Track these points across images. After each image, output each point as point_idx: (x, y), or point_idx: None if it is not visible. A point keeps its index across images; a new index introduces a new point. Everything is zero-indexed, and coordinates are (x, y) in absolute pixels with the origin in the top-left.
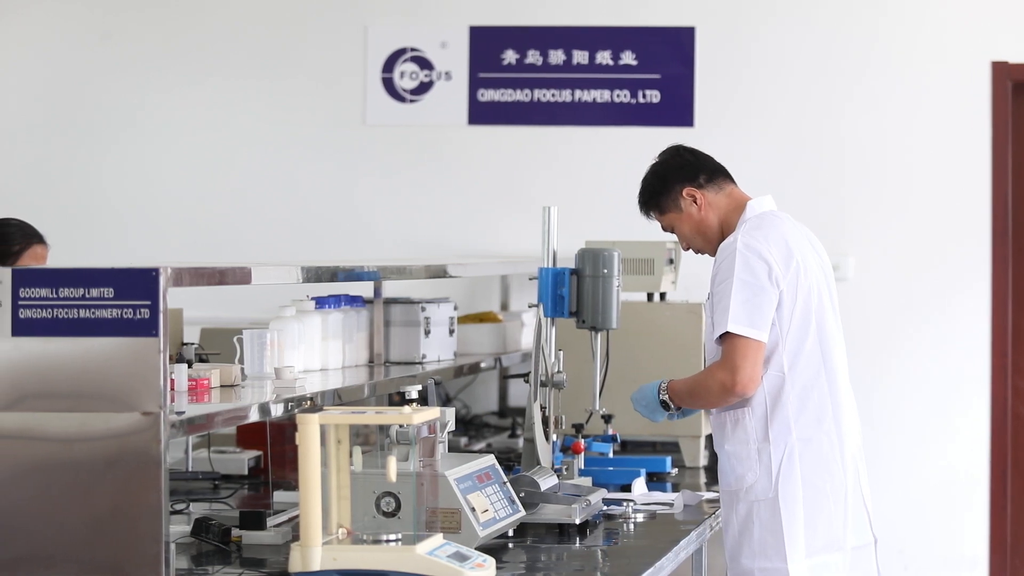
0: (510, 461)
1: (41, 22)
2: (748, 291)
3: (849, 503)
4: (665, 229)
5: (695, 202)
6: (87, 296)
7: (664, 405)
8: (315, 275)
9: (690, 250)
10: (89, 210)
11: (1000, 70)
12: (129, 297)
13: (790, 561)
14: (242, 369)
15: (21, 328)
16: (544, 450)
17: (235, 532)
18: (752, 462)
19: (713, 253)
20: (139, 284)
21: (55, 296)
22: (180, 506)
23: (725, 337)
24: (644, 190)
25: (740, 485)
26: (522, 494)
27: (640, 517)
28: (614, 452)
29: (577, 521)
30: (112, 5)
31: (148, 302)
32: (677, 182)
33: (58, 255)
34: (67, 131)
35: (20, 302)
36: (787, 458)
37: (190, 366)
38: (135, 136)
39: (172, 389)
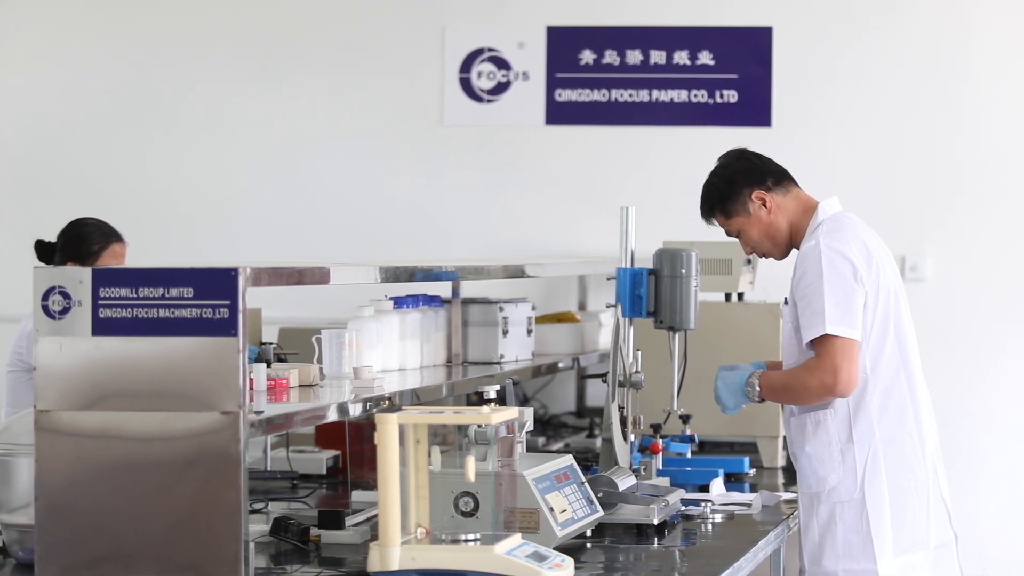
0: (588, 461)
1: (114, 19)
2: (839, 292)
3: (931, 502)
4: (730, 234)
5: (764, 205)
6: (167, 296)
7: (749, 390)
8: (393, 275)
9: (753, 254)
10: (166, 209)
11: None
12: (208, 297)
13: (879, 561)
14: (320, 369)
15: (101, 328)
16: (622, 450)
17: (314, 531)
18: (835, 464)
19: (780, 257)
20: (218, 284)
21: (135, 296)
22: (259, 505)
23: (821, 339)
24: (710, 194)
25: (822, 487)
26: (600, 494)
27: (718, 517)
28: (692, 452)
29: (655, 521)
30: (190, 7)
31: (227, 302)
32: (746, 185)
33: (134, 254)
34: (144, 129)
35: (100, 302)
36: (871, 459)
37: (269, 366)
38: (212, 135)
39: (251, 389)
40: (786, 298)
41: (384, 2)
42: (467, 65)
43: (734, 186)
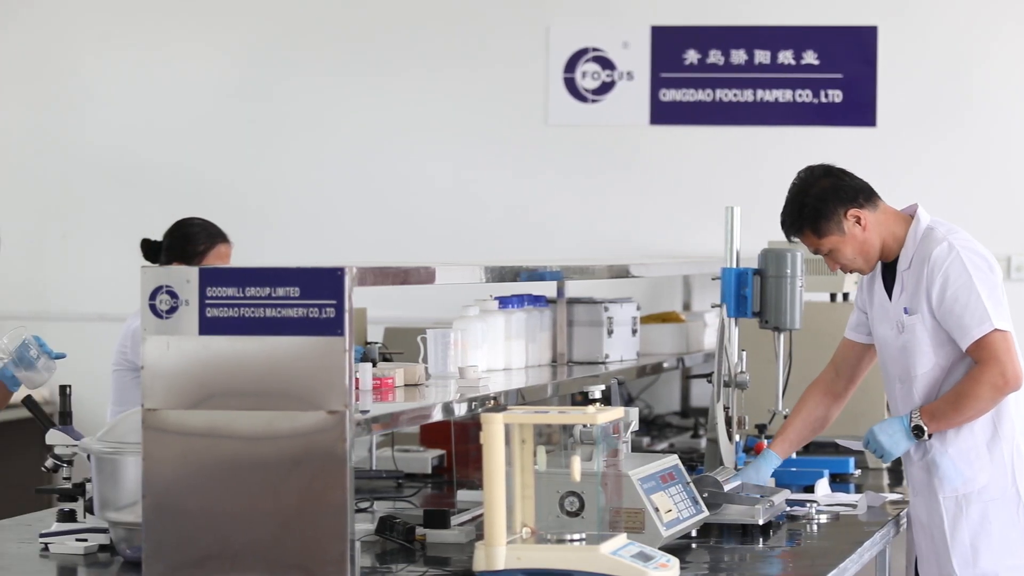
0: (693, 461)
1: (218, 16)
2: (987, 287)
3: None
4: (818, 252)
5: (858, 223)
6: (273, 295)
7: (916, 432)
8: (498, 275)
9: (838, 270)
10: (270, 208)
11: None
12: (315, 296)
13: None
14: (426, 368)
15: (208, 327)
16: (727, 450)
17: (419, 531)
18: (984, 462)
19: (867, 271)
20: (325, 283)
21: (242, 295)
22: (364, 505)
23: (983, 339)
24: (801, 213)
25: (970, 487)
26: (705, 494)
27: (823, 518)
28: (796, 453)
29: (760, 522)
30: (296, 4)
31: (334, 301)
32: (840, 204)
33: (239, 255)
34: (249, 128)
35: (207, 301)
36: (1018, 454)
37: (375, 365)
38: (316, 135)
39: (357, 388)
40: (905, 308)
41: (489, 2)
42: (572, 65)
43: (827, 205)
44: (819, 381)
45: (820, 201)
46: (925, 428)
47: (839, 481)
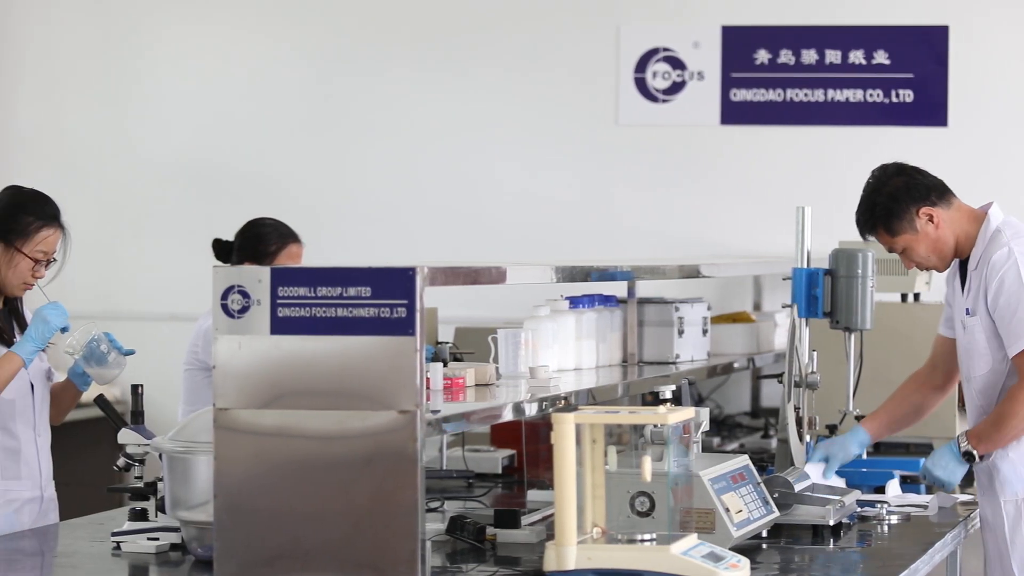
0: (763, 462)
1: (291, 17)
2: None
3: None
4: (892, 250)
5: (931, 221)
6: (344, 295)
7: (967, 457)
8: (569, 275)
9: (913, 268)
10: (341, 208)
11: None
12: (386, 296)
13: None
14: (497, 368)
15: (280, 327)
16: (798, 451)
17: (489, 530)
18: None
19: (942, 269)
20: (396, 283)
21: (313, 295)
22: (435, 504)
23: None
24: (874, 212)
25: None
26: (776, 495)
27: (894, 519)
28: (867, 453)
29: (831, 522)
30: (366, 5)
31: (405, 301)
32: (912, 202)
33: (310, 254)
34: (320, 128)
35: (279, 301)
36: None
37: (445, 365)
38: (388, 135)
39: (428, 388)
40: (968, 308)
41: (559, 2)
42: (642, 65)
43: (900, 203)
44: (918, 373)
45: (892, 200)
46: (975, 452)
47: (910, 482)
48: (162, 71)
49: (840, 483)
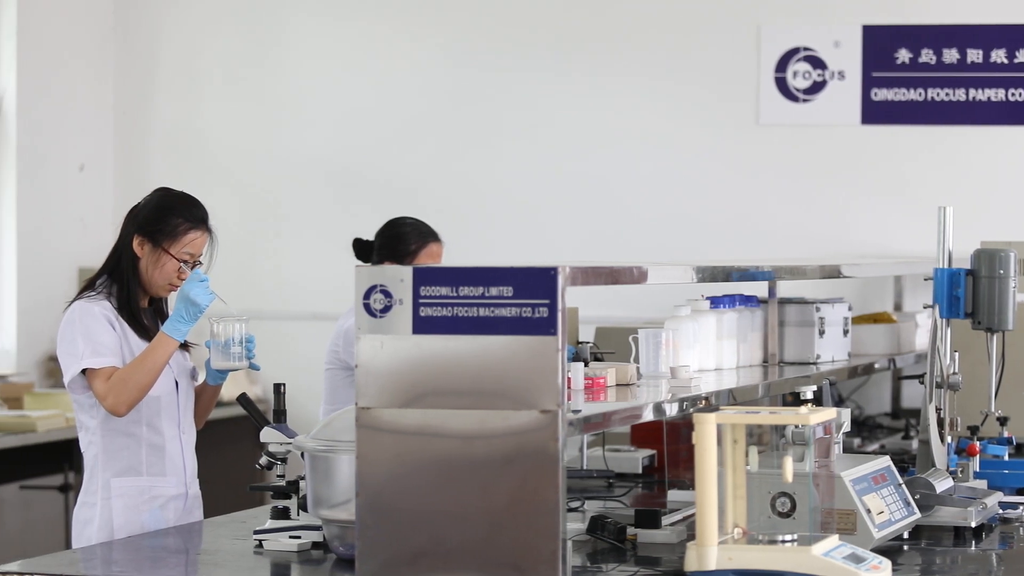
0: (904, 463)
1: (426, 17)
2: None
3: None
4: None
5: None
6: (486, 295)
7: None
8: (710, 275)
9: None
10: (479, 208)
11: None
12: (528, 296)
13: None
14: (637, 368)
15: (422, 326)
16: (939, 452)
17: (630, 530)
18: None
19: None
20: (538, 283)
21: (455, 294)
22: (575, 504)
23: None
24: None
25: None
26: (917, 496)
27: None
28: (1009, 455)
29: (973, 524)
30: (506, 8)
31: (547, 301)
32: None
33: (450, 254)
34: (458, 128)
35: (421, 300)
36: None
37: (586, 365)
38: (526, 135)
39: (569, 387)
40: None
41: (699, 2)
42: (783, 64)
43: None
44: None
45: None
46: None
47: None
48: (303, 71)
49: (982, 484)
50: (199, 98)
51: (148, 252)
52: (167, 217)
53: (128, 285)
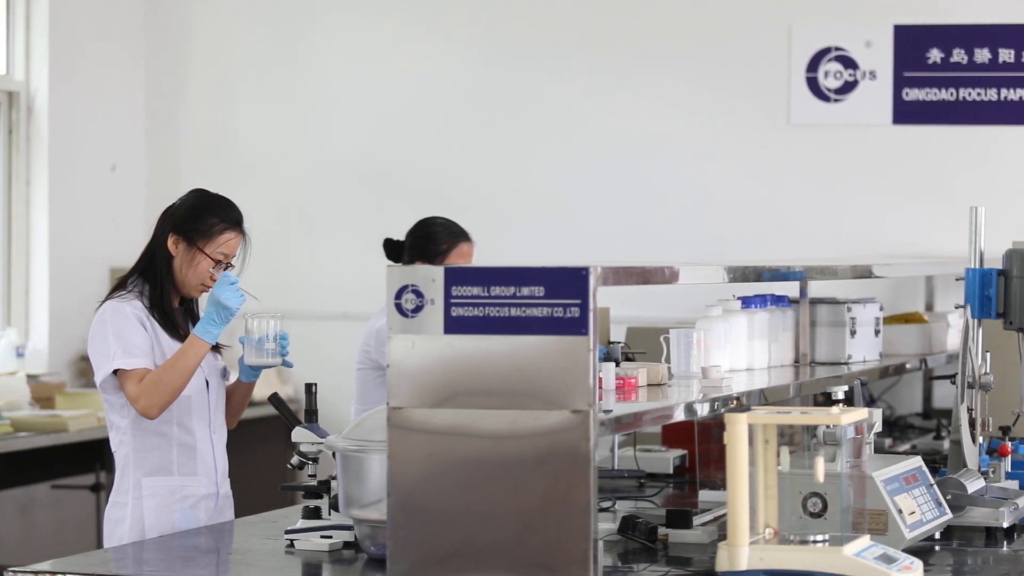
0: (935, 463)
1: (461, 18)
2: None
3: None
4: None
5: None
6: (518, 295)
7: None
8: (741, 275)
9: None
10: (511, 208)
11: None
12: (559, 296)
13: None
14: (669, 368)
15: (453, 326)
16: (971, 452)
17: (661, 530)
18: None
19: None
20: (570, 283)
21: (487, 294)
22: (606, 504)
23: None
24: None
25: None
26: (949, 496)
27: None
28: None
29: (1005, 524)
30: (540, 10)
31: (578, 301)
32: None
33: (481, 254)
34: (489, 128)
35: (452, 300)
36: None
37: (618, 365)
38: (557, 134)
39: (600, 387)
40: None
41: (731, 3)
42: (814, 64)
43: None
44: None
45: None
46: None
47: None
48: (334, 71)
49: (1013, 485)
50: (230, 98)
51: (183, 251)
52: (203, 216)
53: (161, 284)
